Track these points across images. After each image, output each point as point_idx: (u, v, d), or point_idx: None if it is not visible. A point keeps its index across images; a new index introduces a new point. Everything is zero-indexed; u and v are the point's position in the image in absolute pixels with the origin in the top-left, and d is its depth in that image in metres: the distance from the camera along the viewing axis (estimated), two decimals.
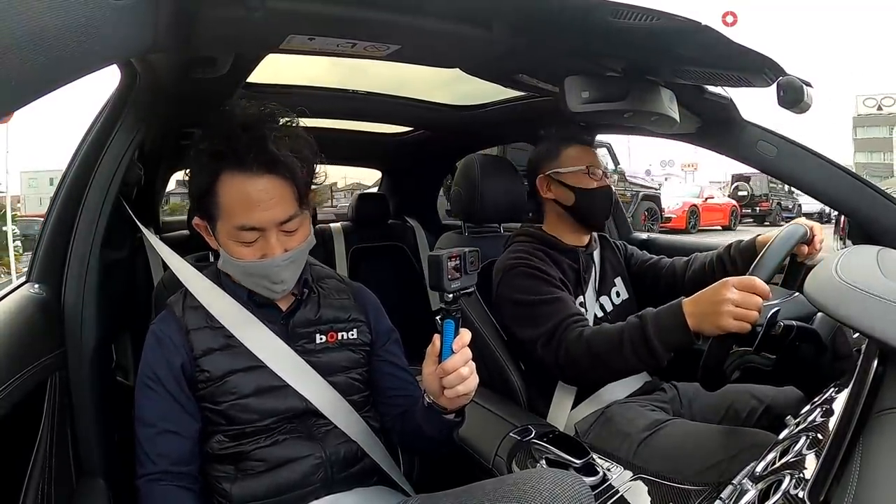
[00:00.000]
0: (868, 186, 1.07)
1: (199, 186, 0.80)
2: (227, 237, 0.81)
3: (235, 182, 0.77)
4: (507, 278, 1.18)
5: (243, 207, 0.77)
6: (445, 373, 0.73)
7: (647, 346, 0.93)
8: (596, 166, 1.22)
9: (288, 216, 0.79)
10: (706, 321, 0.87)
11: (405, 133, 1.97)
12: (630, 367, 0.99)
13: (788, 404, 1.06)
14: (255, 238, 0.80)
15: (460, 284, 0.74)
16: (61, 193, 0.95)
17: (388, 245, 2.18)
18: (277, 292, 0.85)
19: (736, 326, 0.84)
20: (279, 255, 0.80)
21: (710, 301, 0.87)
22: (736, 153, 1.17)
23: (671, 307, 0.93)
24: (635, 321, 0.97)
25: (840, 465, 0.46)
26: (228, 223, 0.79)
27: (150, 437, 0.82)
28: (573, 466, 0.87)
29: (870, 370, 0.48)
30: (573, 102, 0.84)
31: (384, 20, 0.72)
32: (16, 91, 0.36)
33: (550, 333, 1.07)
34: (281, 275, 0.82)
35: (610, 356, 0.98)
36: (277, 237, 0.80)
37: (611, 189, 1.24)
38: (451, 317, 0.74)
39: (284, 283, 0.84)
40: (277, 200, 0.78)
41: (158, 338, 0.85)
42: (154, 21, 0.52)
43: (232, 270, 0.85)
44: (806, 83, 0.88)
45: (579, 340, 1.03)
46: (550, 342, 1.06)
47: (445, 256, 0.72)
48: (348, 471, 0.87)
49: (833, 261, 0.57)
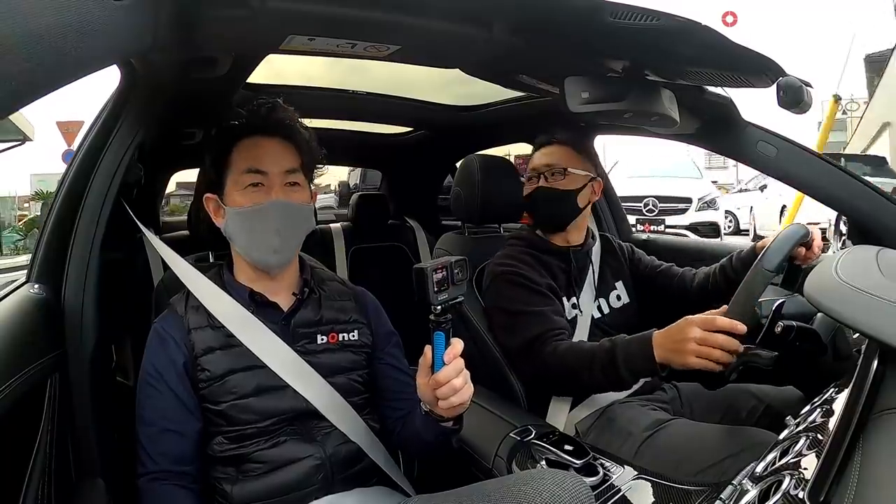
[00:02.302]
0: (868, 186, 1.06)
1: (216, 156, 0.88)
2: (234, 187, 0.86)
3: (249, 142, 0.87)
4: (493, 286, 1.21)
5: (253, 155, 0.86)
6: (438, 384, 0.73)
7: (615, 370, 0.97)
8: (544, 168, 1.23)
9: (291, 167, 0.87)
10: (672, 356, 0.91)
11: (405, 133, 1.97)
12: (597, 385, 1.05)
13: (788, 404, 1.06)
14: (260, 182, 0.85)
15: (448, 296, 0.73)
16: (61, 193, 0.95)
17: (388, 245, 2.18)
18: (273, 261, 0.86)
19: (699, 364, 0.88)
20: (279, 197, 0.85)
21: (674, 339, 0.91)
22: (736, 153, 1.17)
23: (642, 337, 0.97)
24: (607, 345, 1.00)
25: (840, 465, 0.46)
26: (237, 172, 0.86)
27: (151, 435, 0.82)
28: (573, 467, 0.87)
29: (870, 370, 0.48)
30: (573, 102, 0.84)
31: (384, 20, 0.72)
32: (16, 91, 0.36)
33: (529, 345, 1.10)
34: (279, 227, 0.84)
35: (580, 373, 1.02)
36: (281, 186, 0.86)
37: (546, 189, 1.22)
38: (440, 329, 0.73)
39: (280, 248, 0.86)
40: (283, 153, 0.87)
41: (161, 336, 0.85)
42: (154, 21, 0.52)
43: (234, 227, 0.87)
44: (806, 83, 0.88)
45: (554, 354, 1.06)
46: (529, 353, 1.10)
47: (430, 269, 0.71)
48: (348, 471, 0.87)
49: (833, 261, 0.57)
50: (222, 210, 0.88)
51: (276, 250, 0.86)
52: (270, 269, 0.88)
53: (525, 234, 1.28)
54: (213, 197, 0.89)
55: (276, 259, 0.87)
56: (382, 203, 2.18)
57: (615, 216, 1.74)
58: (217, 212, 0.89)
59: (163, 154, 1.44)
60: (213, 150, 0.90)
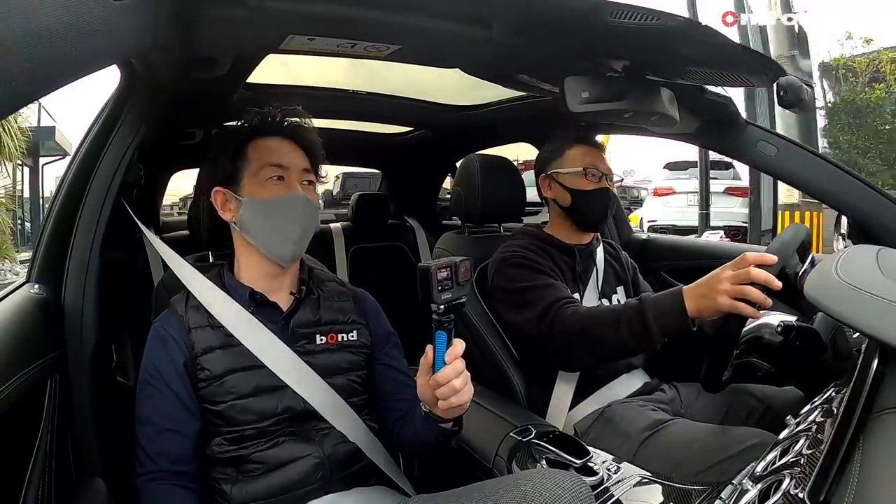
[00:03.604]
0: (868, 186, 1.06)
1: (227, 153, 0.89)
2: (254, 179, 0.87)
3: (265, 141, 0.90)
4: (499, 269, 1.20)
5: (271, 150, 0.89)
6: (438, 385, 0.73)
7: (644, 326, 0.95)
8: (596, 168, 1.22)
9: (307, 166, 0.91)
10: (704, 303, 0.89)
11: (405, 133, 1.97)
12: (623, 346, 1.00)
13: (788, 404, 1.06)
14: (281, 176, 0.87)
15: (451, 295, 0.73)
16: (61, 193, 0.95)
17: (388, 245, 2.18)
18: (290, 252, 0.87)
19: (729, 306, 0.84)
20: (302, 192, 0.87)
21: (706, 284, 0.89)
22: (736, 153, 1.17)
23: (671, 292, 0.95)
24: (634, 303, 0.99)
25: (840, 465, 0.46)
26: (256, 166, 0.87)
27: (151, 435, 0.82)
28: (573, 466, 0.87)
29: (870, 370, 0.48)
30: (573, 102, 0.84)
31: (384, 20, 0.72)
32: (16, 91, 0.36)
33: (543, 313, 1.08)
34: (301, 219, 0.87)
35: (604, 333, 0.99)
36: (299, 183, 0.88)
37: (608, 191, 1.23)
38: (442, 328, 0.73)
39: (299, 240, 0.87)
40: (298, 153, 0.91)
41: (161, 336, 0.85)
42: (154, 21, 0.52)
43: (254, 217, 0.86)
44: (806, 83, 0.88)
45: (574, 317, 1.04)
46: (543, 321, 1.08)
47: (434, 268, 0.71)
48: (347, 471, 0.87)
49: (833, 261, 0.56)
50: (235, 203, 0.87)
51: (296, 241, 0.87)
52: (285, 262, 0.89)
53: (532, 230, 1.29)
54: (223, 190, 0.88)
55: (293, 250, 0.88)
56: (382, 203, 2.19)
57: (616, 217, 1.75)
58: (225, 206, 0.89)
59: (163, 154, 1.44)
60: (228, 144, 0.90)
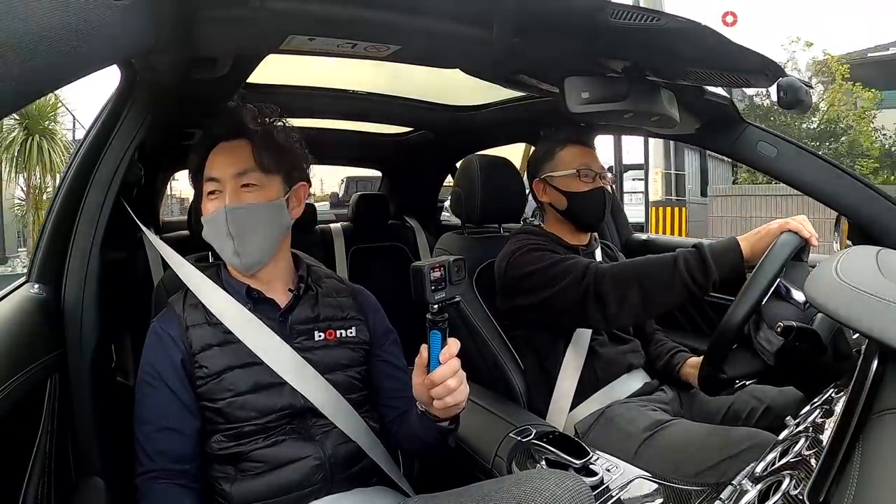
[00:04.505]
0: (868, 186, 1.06)
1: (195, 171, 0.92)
2: (203, 196, 0.89)
3: (212, 154, 0.90)
4: (514, 261, 1.18)
5: (210, 163, 0.89)
6: (433, 384, 0.73)
7: (703, 265, 0.97)
8: (589, 168, 1.21)
9: (243, 169, 0.87)
10: (756, 239, 0.97)
11: (405, 133, 1.97)
12: (681, 287, 0.99)
13: (788, 404, 1.06)
14: (216, 189, 0.87)
15: (445, 295, 0.73)
16: (61, 193, 0.95)
17: (387, 245, 2.18)
18: (238, 263, 0.88)
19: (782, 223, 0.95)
20: (229, 203, 0.85)
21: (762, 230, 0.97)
22: (736, 153, 1.17)
23: (726, 240, 1.01)
24: (690, 248, 1.02)
25: (840, 465, 0.46)
26: (203, 180, 0.89)
27: (150, 434, 0.82)
28: (573, 467, 0.87)
29: (870, 370, 0.48)
30: (573, 103, 0.84)
31: (384, 20, 0.72)
32: (16, 91, 0.36)
33: (583, 273, 1.07)
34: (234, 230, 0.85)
35: (662, 275, 1.01)
36: (234, 190, 0.86)
37: (604, 190, 1.22)
38: (437, 328, 0.73)
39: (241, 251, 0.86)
40: (236, 157, 0.88)
41: (159, 335, 0.86)
42: (154, 21, 0.52)
43: (205, 234, 0.90)
44: (806, 83, 0.88)
45: (625, 264, 1.08)
46: (584, 279, 1.06)
47: (427, 267, 0.71)
48: (348, 471, 0.87)
49: (833, 261, 0.56)
50: None
51: (237, 253, 0.86)
52: (244, 271, 0.89)
53: (535, 229, 1.29)
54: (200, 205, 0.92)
55: (241, 262, 0.87)
56: (382, 203, 2.19)
57: (615, 218, 1.75)
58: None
59: (163, 154, 1.44)
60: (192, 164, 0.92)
